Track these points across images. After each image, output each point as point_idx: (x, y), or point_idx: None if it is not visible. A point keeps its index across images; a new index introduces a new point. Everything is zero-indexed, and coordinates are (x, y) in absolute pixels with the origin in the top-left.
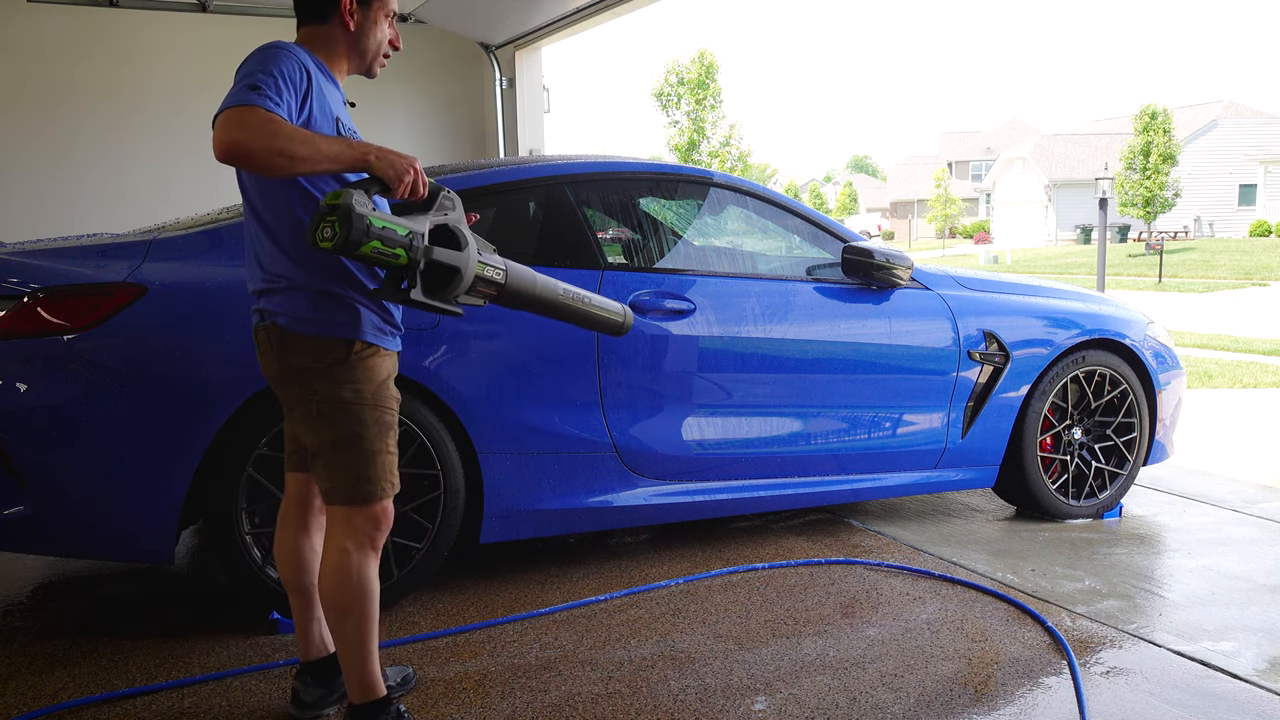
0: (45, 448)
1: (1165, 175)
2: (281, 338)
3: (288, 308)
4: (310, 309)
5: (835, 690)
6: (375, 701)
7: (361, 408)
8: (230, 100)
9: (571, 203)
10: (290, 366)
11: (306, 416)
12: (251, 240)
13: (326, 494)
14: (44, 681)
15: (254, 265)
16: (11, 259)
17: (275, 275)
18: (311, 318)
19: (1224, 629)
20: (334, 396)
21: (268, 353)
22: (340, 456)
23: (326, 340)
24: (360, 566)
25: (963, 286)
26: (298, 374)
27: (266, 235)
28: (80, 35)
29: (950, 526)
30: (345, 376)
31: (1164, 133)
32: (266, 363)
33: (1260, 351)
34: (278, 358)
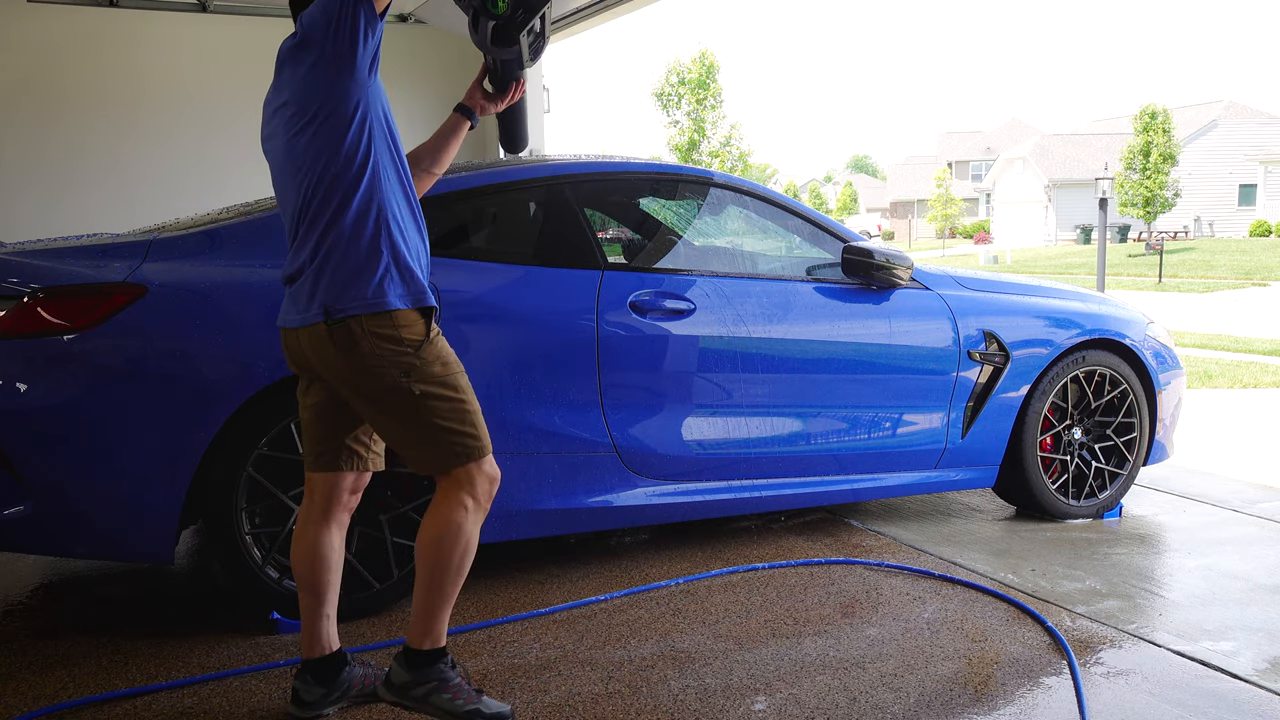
0: (45, 448)
1: (1165, 175)
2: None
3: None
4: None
5: (835, 690)
6: (438, 649)
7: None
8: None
9: (571, 203)
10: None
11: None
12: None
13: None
14: (44, 681)
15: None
16: (11, 259)
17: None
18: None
19: (1224, 629)
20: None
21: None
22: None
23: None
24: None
25: (963, 286)
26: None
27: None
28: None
29: (950, 526)
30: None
31: (1164, 133)
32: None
33: (1260, 351)
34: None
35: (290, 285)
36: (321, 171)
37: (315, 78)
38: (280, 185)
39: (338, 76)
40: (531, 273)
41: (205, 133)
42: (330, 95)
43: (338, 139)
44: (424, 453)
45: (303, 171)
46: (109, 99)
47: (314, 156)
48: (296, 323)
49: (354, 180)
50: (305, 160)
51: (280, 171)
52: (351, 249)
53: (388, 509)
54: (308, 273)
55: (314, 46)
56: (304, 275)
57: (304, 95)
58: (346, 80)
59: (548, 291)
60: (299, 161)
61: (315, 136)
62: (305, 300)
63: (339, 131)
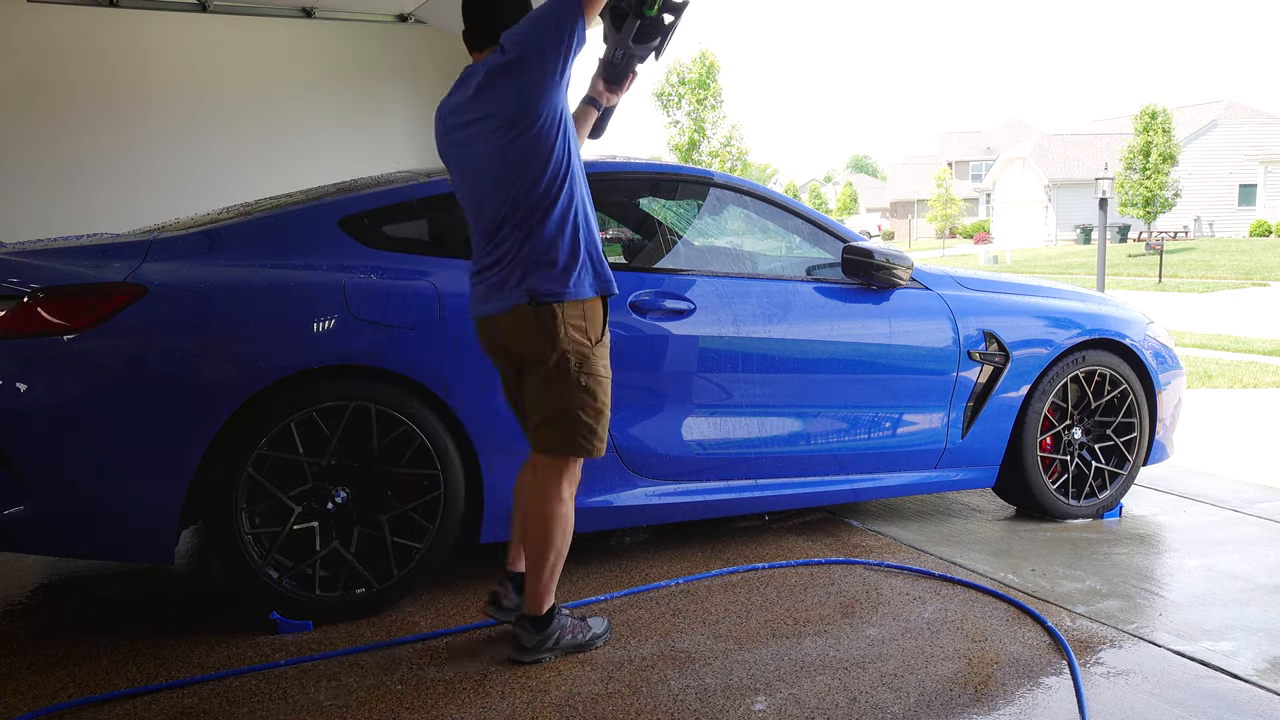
0: (45, 448)
1: (1165, 175)
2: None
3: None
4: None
5: (835, 690)
6: (551, 609)
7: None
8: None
9: None
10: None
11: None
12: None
13: (545, 443)
14: (44, 681)
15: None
16: (11, 259)
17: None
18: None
19: (1224, 629)
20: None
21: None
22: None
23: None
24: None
25: (963, 286)
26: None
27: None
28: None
29: (950, 526)
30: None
31: (1164, 133)
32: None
33: (1260, 351)
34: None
35: (484, 276)
36: (535, 175)
37: (528, 93)
38: (476, 188)
39: (551, 90)
40: None
41: (205, 133)
42: (543, 107)
43: (548, 146)
44: (555, 432)
45: (514, 175)
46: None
47: (526, 162)
48: (497, 310)
49: (561, 182)
50: (517, 166)
51: (479, 176)
52: (556, 244)
53: (388, 509)
54: (511, 264)
55: (529, 64)
56: (504, 266)
57: (515, 109)
58: (554, 93)
59: None
60: (511, 167)
61: (527, 144)
62: (509, 288)
63: (549, 139)
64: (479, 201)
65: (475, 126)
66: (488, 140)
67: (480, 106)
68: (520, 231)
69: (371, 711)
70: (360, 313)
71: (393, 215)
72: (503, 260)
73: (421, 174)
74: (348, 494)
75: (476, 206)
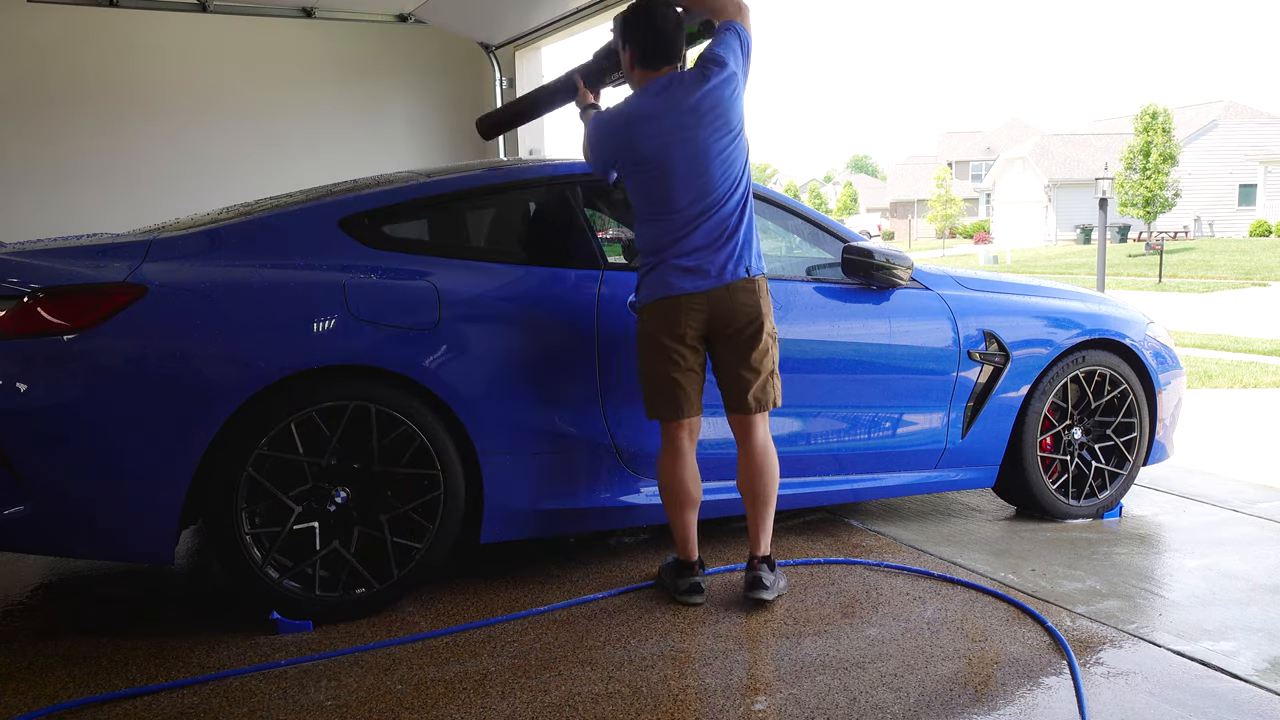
0: (45, 448)
1: (1165, 175)
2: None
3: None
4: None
5: (835, 690)
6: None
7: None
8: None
9: (571, 203)
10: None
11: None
12: (734, 222)
13: (760, 403)
14: (44, 681)
15: (731, 242)
16: (11, 259)
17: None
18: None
19: (1224, 629)
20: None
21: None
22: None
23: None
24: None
25: (963, 286)
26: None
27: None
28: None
29: (950, 526)
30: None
31: (1164, 133)
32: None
33: (1260, 351)
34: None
35: (692, 257)
36: (740, 172)
37: (737, 101)
38: (689, 180)
39: (742, 97)
40: (531, 273)
41: (205, 132)
42: (742, 114)
43: (746, 147)
44: (763, 390)
45: (726, 171)
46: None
47: (735, 161)
48: (714, 284)
49: (749, 177)
50: (729, 163)
51: (694, 170)
52: (751, 228)
53: (388, 509)
54: (725, 245)
55: (739, 76)
56: (718, 247)
57: (731, 116)
58: (743, 100)
59: (548, 291)
60: (725, 164)
61: (736, 146)
62: (728, 264)
63: (745, 141)
64: (686, 189)
65: (692, 130)
66: (710, 140)
67: (700, 114)
68: (730, 216)
69: (371, 711)
70: (360, 313)
71: (393, 215)
72: (715, 242)
73: (422, 174)
74: (348, 494)
75: (684, 194)
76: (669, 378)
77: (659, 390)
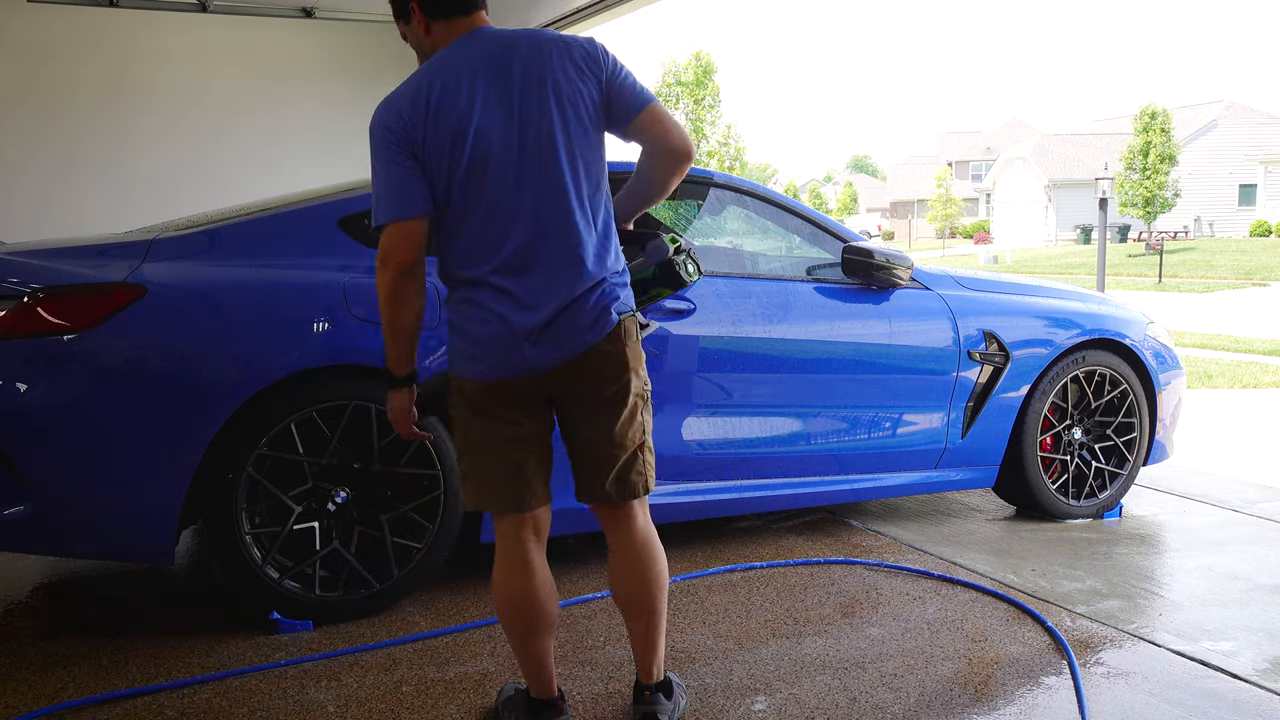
0: (45, 448)
1: (1165, 175)
2: (629, 329)
3: (626, 296)
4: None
5: (835, 690)
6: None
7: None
8: (649, 94)
9: None
10: (631, 357)
11: (631, 410)
12: (576, 245)
13: (634, 489)
14: (44, 681)
15: (579, 267)
16: (11, 259)
17: (614, 271)
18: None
19: (1224, 629)
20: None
21: (608, 355)
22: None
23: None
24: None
25: (963, 286)
26: (632, 364)
27: (602, 235)
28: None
29: (950, 526)
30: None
31: (1163, 133)
32: (606, 364)
33: (1260, 351)
34: (622, 350)
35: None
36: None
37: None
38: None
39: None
40: None
41: (206, 133)
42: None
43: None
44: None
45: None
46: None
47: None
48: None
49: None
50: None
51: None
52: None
53: (388, 509)
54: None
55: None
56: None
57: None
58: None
59: None
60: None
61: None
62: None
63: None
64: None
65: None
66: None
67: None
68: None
69: (371, 711)
70: (360, 313)
71: None
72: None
73: None
74: (348, 494)
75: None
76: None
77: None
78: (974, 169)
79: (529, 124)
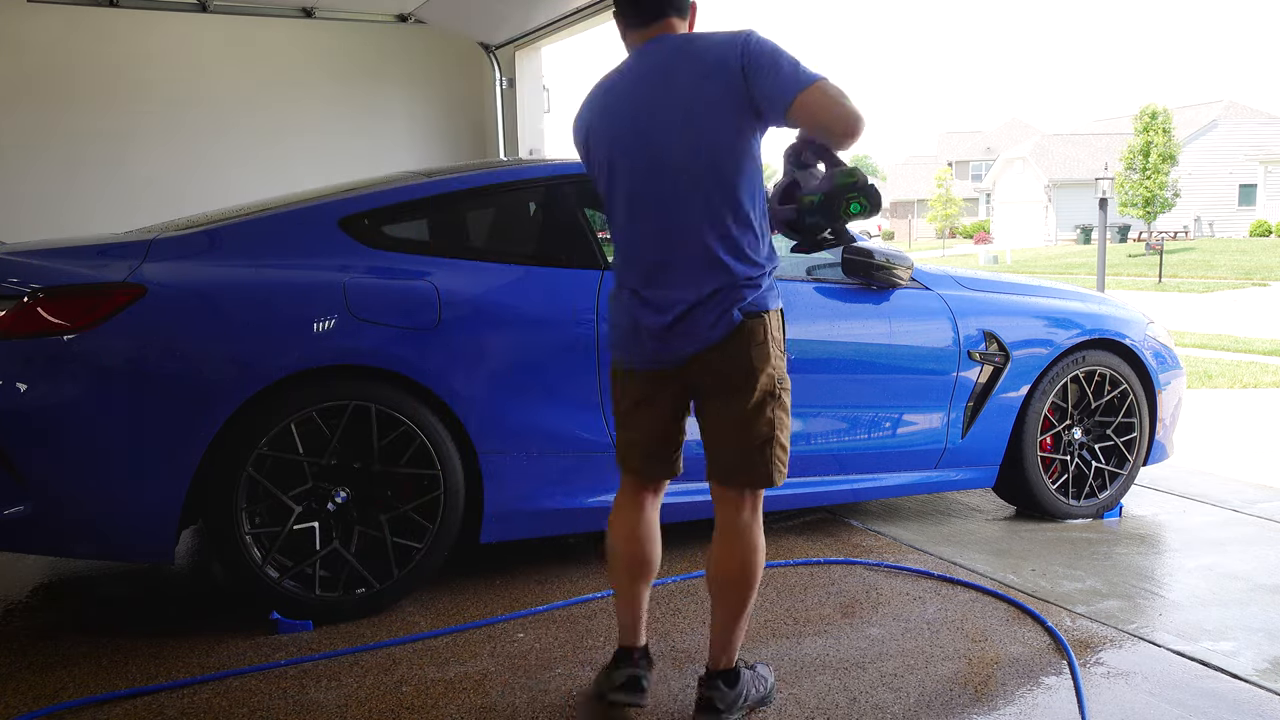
0: (45, 448)
1: (1165, 175)
2: (753, 329)
3: (756, 297)
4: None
5: (835, 690)
6: (738, 665)
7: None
8: (809, 76)
9: (571, 203)
10: (756, 356)
11: (757, 404)
12: (702, 251)
13: (747, 480)
14: (44, 681)
15: (705, 273)
16: (11, 259)
17: (745, 275)
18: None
19: (1224, 629)
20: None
21: (731, 352)
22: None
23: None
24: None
25: (963, 286)
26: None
27: (735, 239)
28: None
29: (950, 526)
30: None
31: (1163, 133)
32: (728, 361)
33: (1260, 351)
34: (745, 349)
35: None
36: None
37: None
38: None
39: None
40: (531, 273)
41: (206, 133)
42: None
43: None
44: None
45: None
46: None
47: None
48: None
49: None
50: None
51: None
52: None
53: (388, 509)
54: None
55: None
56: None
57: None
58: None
59: (548, 291)
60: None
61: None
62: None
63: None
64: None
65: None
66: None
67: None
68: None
69: (371, 711)
70: (360, 313)
71: (393, 215)
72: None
73: (421, 174)
74: (348, 494)
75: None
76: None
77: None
78: (974, 169)
79: (664, 133)
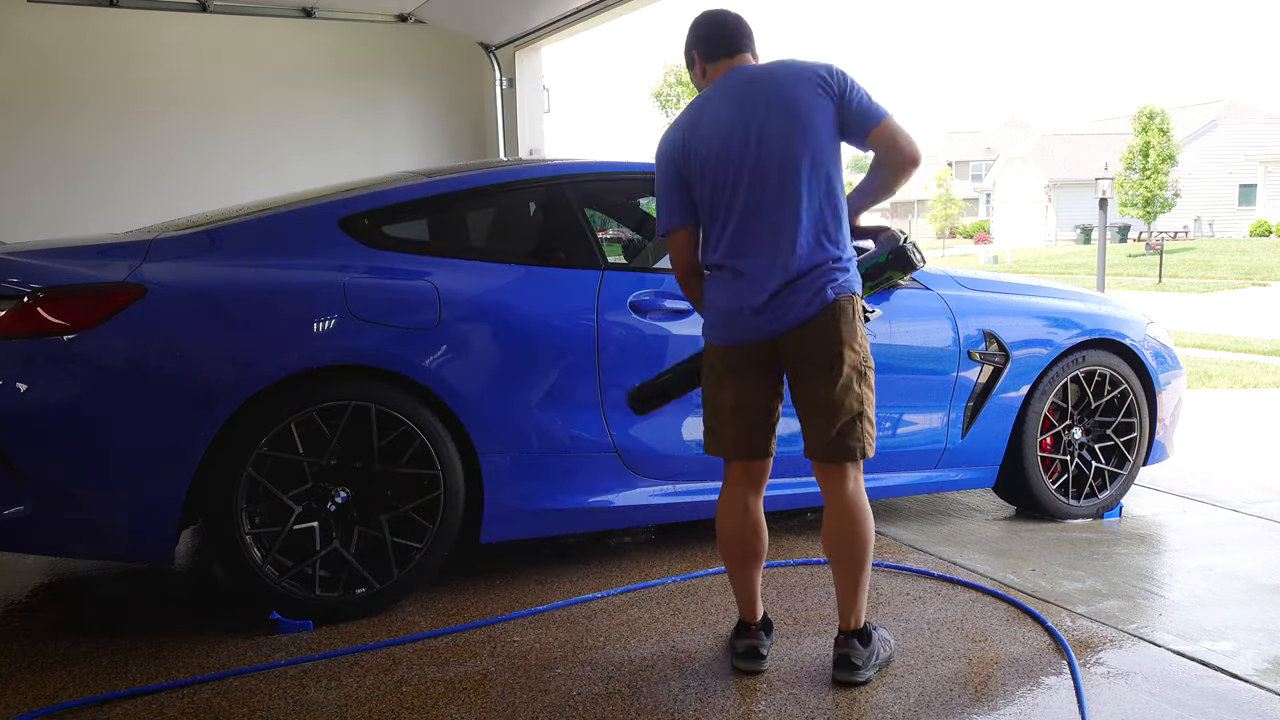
0: (45, 448)
1: (1165, 175)
2: (844, 308)
3: (845, 280)
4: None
5: (835, 690)
6: (867, 625)
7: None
8: (884, 109)
9: (571, 203)
10: (846, 332)
11: (846, 381)
12: (797, 236)
13: (847, 453)
14: (44, 681)
15: (799, 254)
16: (11, 259)
17: (835, 258)
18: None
19: (1224, 629)
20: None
21: (823, 327)
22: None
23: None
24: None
25: (963, 286)
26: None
27: (827, 228)
28: (80, 35)
29: (950, 526)
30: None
31: (1163, 133)
32: (820, 335)
33: (1260, 351)
34: (836, 324)
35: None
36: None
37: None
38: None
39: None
40: (531, 273)
41: (205, 133)
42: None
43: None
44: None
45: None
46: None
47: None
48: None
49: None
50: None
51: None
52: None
53: (388, 509)
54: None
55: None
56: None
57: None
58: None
59: (548, 291)
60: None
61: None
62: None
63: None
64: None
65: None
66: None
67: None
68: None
69: (371, 711)
70: (360, 313)
71: (393, 215)
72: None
73: (421, 174)
74: (348, 494)
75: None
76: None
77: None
78: (974, 169)
79: (765, 141)
